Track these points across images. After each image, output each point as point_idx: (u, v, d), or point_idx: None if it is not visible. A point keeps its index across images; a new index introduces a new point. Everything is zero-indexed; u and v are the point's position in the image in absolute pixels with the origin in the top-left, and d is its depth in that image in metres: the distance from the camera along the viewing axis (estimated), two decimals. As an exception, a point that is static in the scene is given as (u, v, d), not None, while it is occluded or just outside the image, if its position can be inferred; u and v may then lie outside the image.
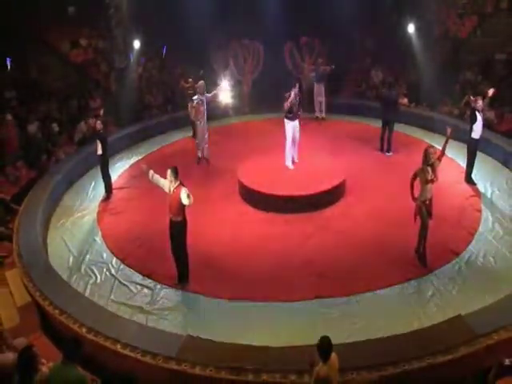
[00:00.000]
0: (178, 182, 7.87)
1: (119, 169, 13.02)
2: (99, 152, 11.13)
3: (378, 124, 13.47)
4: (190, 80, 14.25)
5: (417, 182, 8.33)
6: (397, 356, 6.05)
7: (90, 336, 6.66)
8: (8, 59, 14.72)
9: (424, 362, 5.98)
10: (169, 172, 7.83)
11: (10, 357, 5.61)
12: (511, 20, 15.78)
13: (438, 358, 6.01)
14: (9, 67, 14.83)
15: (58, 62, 16.49)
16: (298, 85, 11.53)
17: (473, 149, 11.11)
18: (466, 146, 11.40)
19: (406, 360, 5.98)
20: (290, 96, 11.21)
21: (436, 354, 6.04)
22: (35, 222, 9.63)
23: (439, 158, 8.26)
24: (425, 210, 8.26)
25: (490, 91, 11.22)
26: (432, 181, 8.13)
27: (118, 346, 6.45)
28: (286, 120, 11.51)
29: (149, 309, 7.80)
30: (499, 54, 15.37)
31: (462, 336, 6.28)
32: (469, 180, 11.22)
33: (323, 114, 15.87)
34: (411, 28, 16.13)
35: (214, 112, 14.74)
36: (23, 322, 7.54)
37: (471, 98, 11.17)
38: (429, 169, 8.13)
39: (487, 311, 6.89)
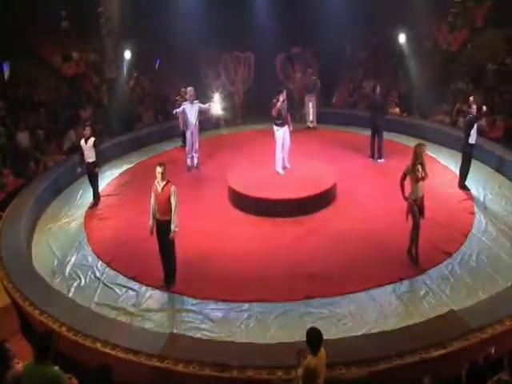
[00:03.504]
0: (166, 180, 7.72)
1: (108, 177, 12.82)
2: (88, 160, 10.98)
3: (369, 133, 13.34)
4: (183, 90, 14.13)
5: (407, 181, 8.21)
6: (389, 350, 5.84)
7: (70, 335, 6.42)
8: (4, 65, 14.52)
9: (417, 356, 5.77)
10: (158, 169, 7.66)
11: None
12: (500, 33, 15.86)
13: (431, 352, 5.80)
14: (4, 74, 14.66)
15: (49, 75, 16.43)
16: (285, 90, 11.48)
17: (469, 155, 10.91)
18: (457, 152, 11.29)
19: (398, 355, 5.77)
20: (277, 101, 11.12)
21: (429, 348, 5.83)
22: (19, 226, 9.45)
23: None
24: (416, 208, 8.12)
25: (484, 108, 10.88)
26: (423, 178, 8.02)
27: (99, 345, 6.21)
28: (275, 127, 11.39)
29: (133, 310, 7.56)
30: (490, 65, 15.40)
31: (456, 330, 6.08)
32: (463, 186, 11.02)
33: (314, 124, 15.77)
34: (403, 39, 16.20)
35: (206, 123, 14.66)
36: (2, 324, 7.26)
37: (470, 99, 10.93)
38: (419, 167, 8.02)
39: (481, 305, 6.71)
